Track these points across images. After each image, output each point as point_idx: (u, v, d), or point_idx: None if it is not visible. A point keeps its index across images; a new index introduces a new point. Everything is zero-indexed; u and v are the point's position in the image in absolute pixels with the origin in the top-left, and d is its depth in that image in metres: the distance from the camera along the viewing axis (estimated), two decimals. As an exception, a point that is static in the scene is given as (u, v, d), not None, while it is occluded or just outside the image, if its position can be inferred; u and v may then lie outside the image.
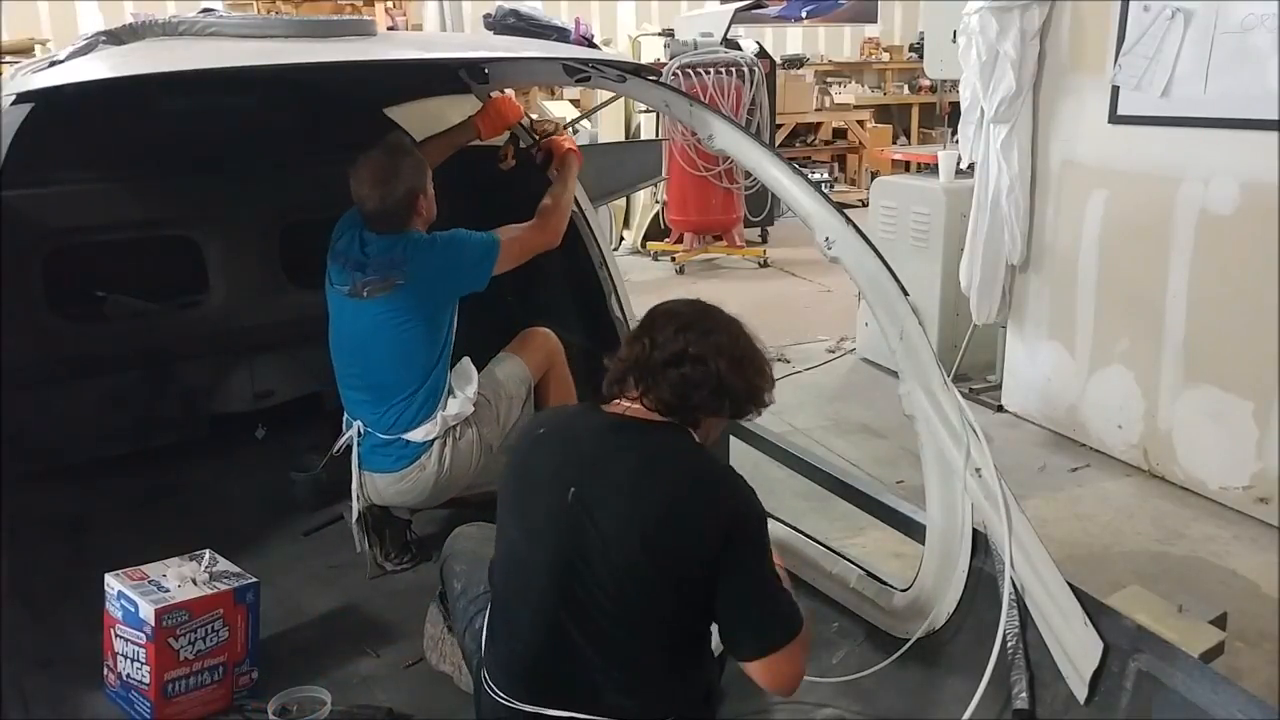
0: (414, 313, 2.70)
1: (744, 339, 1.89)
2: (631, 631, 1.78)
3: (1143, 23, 3.51)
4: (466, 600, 2.18)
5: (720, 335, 1.86)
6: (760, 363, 1.91)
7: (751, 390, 1.88)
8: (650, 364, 1.82)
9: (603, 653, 1.78)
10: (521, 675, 1.85)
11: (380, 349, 2.73)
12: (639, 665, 1.80)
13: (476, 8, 7.92)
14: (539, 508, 1.83)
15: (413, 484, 2.78)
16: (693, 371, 1.81)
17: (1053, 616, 1.99)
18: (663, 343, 1.83)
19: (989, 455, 2.10)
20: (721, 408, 1.87)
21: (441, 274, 2.72)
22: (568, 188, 3.04)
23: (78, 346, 3.34)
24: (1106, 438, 3.92)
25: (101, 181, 3.28)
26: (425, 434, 2.74)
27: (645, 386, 1.83)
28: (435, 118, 3.39)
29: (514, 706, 1.85)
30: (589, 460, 1.83)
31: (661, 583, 1.74)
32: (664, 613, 1.78)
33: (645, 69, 2.59)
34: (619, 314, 3.37)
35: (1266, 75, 3.17)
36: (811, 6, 11.35)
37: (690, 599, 1.77)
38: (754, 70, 7.08)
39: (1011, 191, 4.01)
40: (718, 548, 1.73)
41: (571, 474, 1.81)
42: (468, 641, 2.12)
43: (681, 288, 6.95)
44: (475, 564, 2.21)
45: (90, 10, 8.20)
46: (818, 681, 2.24)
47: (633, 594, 1.75)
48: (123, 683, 2.24)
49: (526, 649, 1.84)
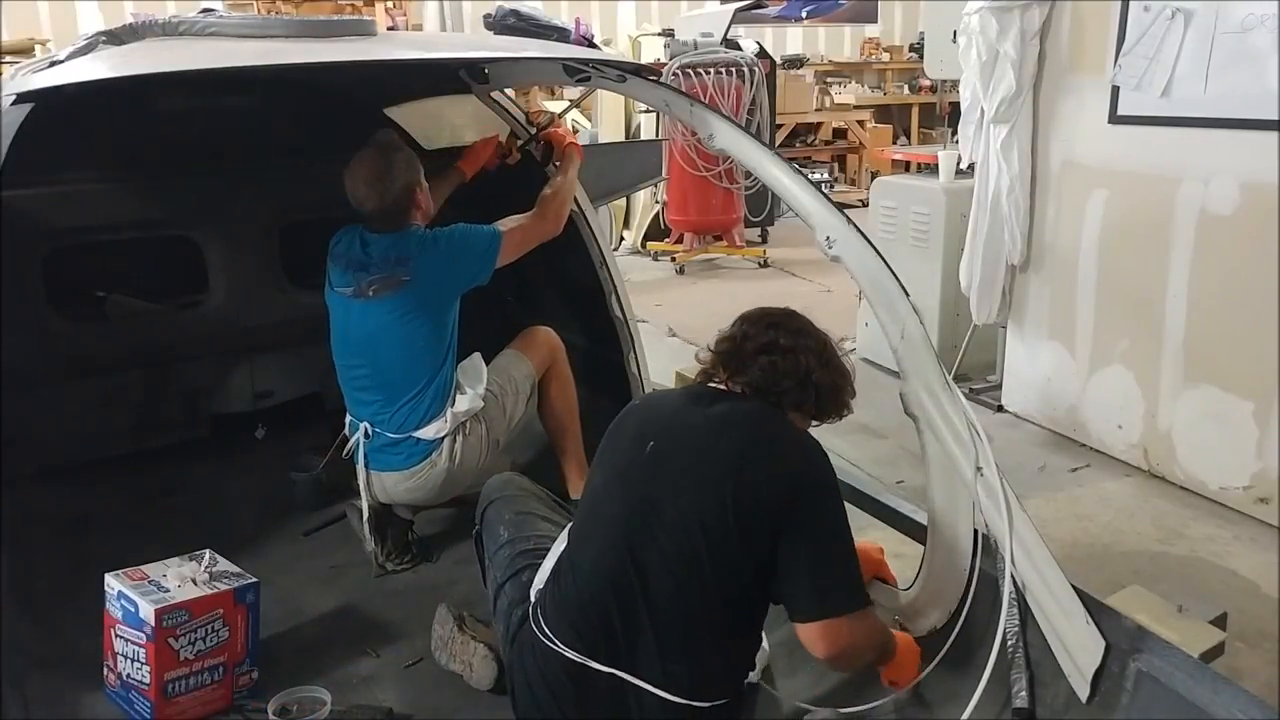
0: (421, 310, 2.70)
1: (831, 346, 2.01)
2: (690, 593, 1.80)
3: (1143, 23, 3.51)
4: (513, 551, 2.20)
5: (810, 338, 1.98)
6: (845, 369, 2.02)
7: (836, 390, 1.98)
8: (741, 352, 1.94)
9: (658, 611, 1.80)
10: (575, 620, 1.87)
11: (389, 348, 2.73)
12: (691, 633, 1.82)
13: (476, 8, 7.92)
14: (619, 458, 1.93)
15: (422, 481, 2.78)
16: (783, 361, 1.92)
17: (1055, 615, 1.98)
18: (754, 335, 1.95)
19: (990, 454, 2.10)
20: (807, 400, 1.95)
21: (447, 269, 2.72)
22: (569, 178, 3.05)
23: (78, 346, 3.34)
24: (1106, 438, 3.92)
25: (101, 181, 3.27)
26: (436, 431, 2.73)
27: (734, 370, 1.94)
28: (435, 118, 3.39)
29: (560, 651, 1.87)
30: (669, 418, 1.94)
31: (727, 539, 1.77)
32: (725, 577, 1.80)
33: (645, 69, 2.58)
34: (619, 314, 3.37)
35: (1266, 75, 3.17)
36: (811, 6, 11.36)
37: (753, 561, 1.79)
38: (754, 70, 7.08)
39: (1011, 191, 4.02)
40: (784, 504, 1.78)
41: (652, 430, 1.92)
42: (509, 590, 2.13)
43: (681, 288, 6.96)
44: (525, 516, 2.27)
45: (90, 10, 8.21)
46: (816, 680, 2.24)
47: (698, 549, 1.78)
48: (123, 683, 2.24)
49: (583, 594, 1.87)
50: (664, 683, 1.81)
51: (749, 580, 1.82)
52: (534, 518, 2.29)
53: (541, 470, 3.04)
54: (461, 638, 2.34)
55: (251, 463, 3.49)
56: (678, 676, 1.81)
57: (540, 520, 2.29)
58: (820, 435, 2.00)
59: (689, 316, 5.81)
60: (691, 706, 1.81)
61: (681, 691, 1.81)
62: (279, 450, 3.42)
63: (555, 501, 2.44)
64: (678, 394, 2.09)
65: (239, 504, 3.23)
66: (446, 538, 3.01)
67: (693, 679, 1.82)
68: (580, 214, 3.33)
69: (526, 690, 1.96)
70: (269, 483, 3.25)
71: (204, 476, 3.40)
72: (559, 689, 1.88)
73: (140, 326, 3.47)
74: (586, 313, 3.52)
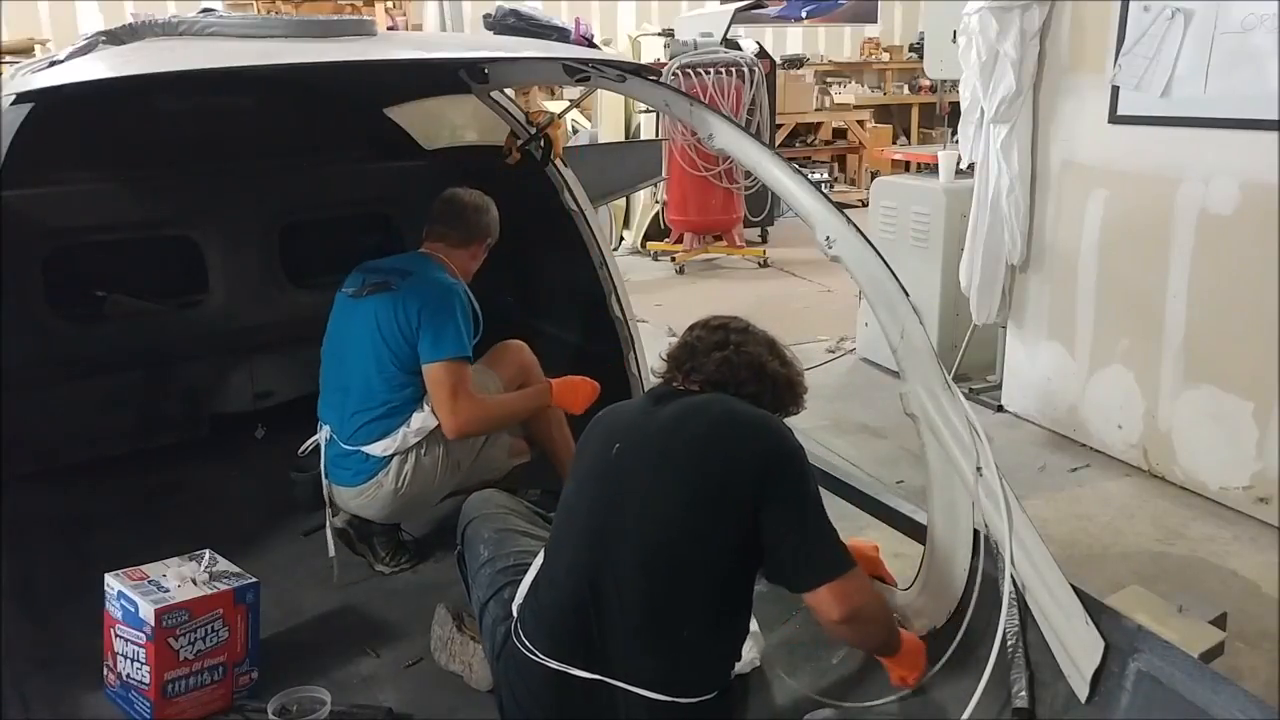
0: (391, 323, 2.69)
1: (778, 343, 2.11)
2: (665, 587, 1.81)
3: (1143, 23, 3.51)
4: (494, 569, 2.20)
5: (759, 333, 2.09)
6: (794, 360, 2.11)
7: (791, 380, 2.06)
8: (695, 352, 2.02)
9: (634, 609, 1.80)
10: (553, 628, 1.88)
11: (357, 353, 2.74)
12: (668, 627, 1.81)
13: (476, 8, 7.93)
14: (589, 466, 1.97)
15: (371, 500, 2.77)
16: (735, 355, 1.99)
17: (1054, 615, 1.99)
18: (705, 336, 2.04)
19: (990, 454, 2.10)
20: (763, 391, 2.00)
21: (415, 310, 2.67)
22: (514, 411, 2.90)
23: (78, 346, 3.34)
24: (1106, 438, 3.92)
25: (101, 181, 3.28)
26: (384, 449, 2.71)
27: (690, 369, 2.00)
28: (435, 118, 3.39)
29: (541, 662, 1.87)
30: (633, 420, 1.99)
31: (700, 525, 1.80)
32: (700, 566, 1.81)
33: (645, 69, 2.58)
34: (619, 314, 3.37)
35: (1266, 75, 3.17)
36: (811, 6, 11.36)
37: (731, 545, 1.80)
38: (754, 70, 7.09)
39: (1011, 191, 4.02)
40: (755, 484, 1.80)
41: (618, 434, 1.97)
42: (492, 608, 2.13)
43: (681, 288, 6.96)
44: (505, 534, 2.28)
45: (90, 10, 8.21)
46: (816, 680, 2.24)
47: (670, 540, 1.80)
48: (123, 683, 2.23)
49: (560, 599, 1.88)
50: (645, 681, 1.80)
51: (726, 567, 1.83)
52: (514, 534, 2.28)
53: (541, 470, 3.04)
54: (461, 638, 2.34)
55: (251, 463, 3.49)
56: (658, 673, 1.80)
57: (520, 536, 2.28)
58: (820, 435, 2.01)
59: (689, 316, 5.70)
60: (676, 704, 1.80)
61: (664, 689, 1.80)
62: (279, 450, 3.42)
63: (537, 514, 2.43)
64: (641, 399, 2.16)
65: (239, 504, 3.24)
66: (445, 537, 3.00)
67: (673, 675, 1.81)
68: (580, 214, 3.33)
69: (514, 705, 1.96)
70: (269, 483, 3.25)
71: (204, 476, 3.41)
72: (543, 699, 1.88)
73: (140, 326, 3.48)
74: (586, 313, 3.52)
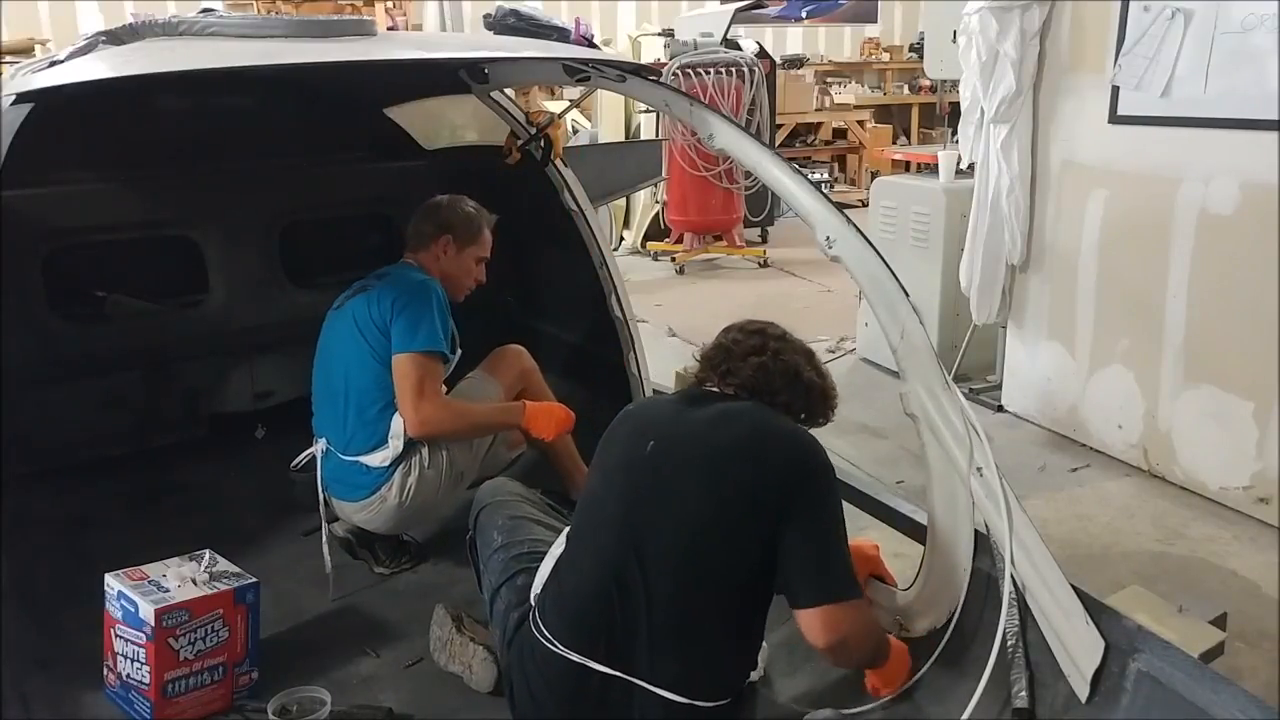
0: (373, 328, 2.68)
1: (814, 353, 2.11)
2: (692, 590, 1.81)
3: (1143, 23, 3.51)
4: (507, 555, 2.20)
5: (796, 342, 2.09)
6: (828, 373, 2.11)
7: (826, 392, 2.06)
8: (731, 356, 2.02)
9: (659, 609, 1.81)
10: (574, 618, 1.88)
11: (341, 353, 2.75)
12: (692, 631, 1.83)
13: (476, 8, 7.94)
14: (619, 458, 1.96)
15: (376, 514, 2.76)
16: (772, 361, 1.99)
17: (1054, 615, 1.99)
18: (743, 340, 2.04)
19: (990, 454, 2.10)
20: (797, 399, 2.01)
21: (390, 302, 2.67)
22: (481, 424, 2.81)
23: (78, 346, 3.34)
24: (1106, 438, 3.92)
25: (101, 181, 3.27)
26: (381, 459, 2.68)
27: (725, 373, 2.00)
28: (435, 118, 3.39)
29: (560, 652, 1.87)
30: (668, 418, 1.98)
31: (730, 531, 1.80)
32: (727, 572, 1.81)
33: (645, 69, 2.59)
34: (619, 314, 3.37)
35: (1266, 75, 3.17)
36: (811, 6, 11.37)
37: (756, 554, 1.81)
38: (754, 70, 7.08)
39: (1011, 191, 4.02)
40: (788, 492, 1.81)
41: (651, 430, 1.96)
42: (504, 594, 2.13)
43: (681, 288, 6.96)
44: (519, 521, 2.28)
45: (90, 10, 8.21)
46: (816, 680, 2.24)
47: (700, 543, 1.81)
48: (123, 683, 2.23)
49: (583, 593, 1.88)
50: (665, 682, 1.81)
51: (751, 574, 1.83)
52: (528, 522, 2.29)
53: (542, 470, 3.04)
54: (460, 639, 2.34)
55: (251, 463, 3.49)
56: (679, 676, 1.81)
57: (534, 524, 2.29)
58: (821, 435, 2.01)
59: (689, 316, 5.80)
60: (693, 706, 1.81)
61: (683, 691, 1.81)
62: (279, 450, 3.42)
63: (549, 505, 2.44)
64: (673, 397, 2.16)
65: (239, 504, 3.23)
66: (446, 537, 3.00)
67: (694, 678, 1.82)
68: (580, 214, 3.33)
69: (526, 693, 1.96)
70: (269, 483, 3.24)
71: (204, 476, 3.40)
72: (559, 690, 1.88)
73: (140, 326, 3.47)
74: (586, 313, 3.52)
